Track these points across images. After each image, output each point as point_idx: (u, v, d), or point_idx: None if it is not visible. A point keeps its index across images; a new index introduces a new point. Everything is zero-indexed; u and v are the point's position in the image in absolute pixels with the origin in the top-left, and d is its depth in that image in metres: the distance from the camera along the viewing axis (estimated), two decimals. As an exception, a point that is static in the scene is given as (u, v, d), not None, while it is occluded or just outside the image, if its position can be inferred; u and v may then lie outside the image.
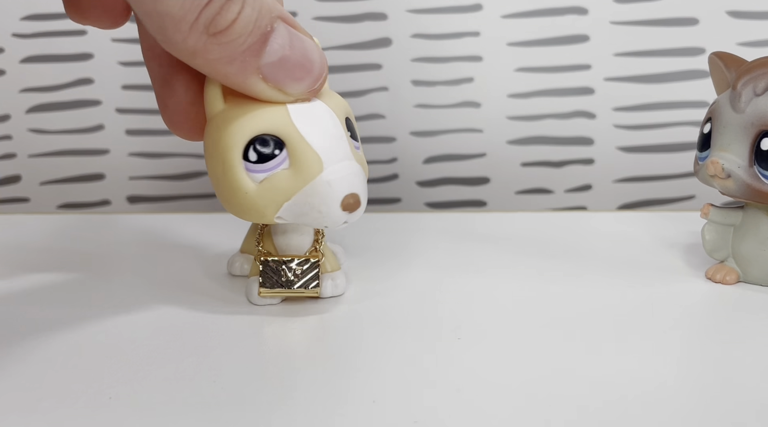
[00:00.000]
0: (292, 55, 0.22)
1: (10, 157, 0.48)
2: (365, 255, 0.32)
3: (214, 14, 0.21)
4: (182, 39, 0.21)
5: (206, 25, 0.21)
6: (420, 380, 0.21)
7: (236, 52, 0.22)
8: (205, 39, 0.21)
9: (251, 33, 0.21)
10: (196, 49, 0.21)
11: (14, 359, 0.23)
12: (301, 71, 0.23)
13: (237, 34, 0.21)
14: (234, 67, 0.22)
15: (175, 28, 0.21)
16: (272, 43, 0.22)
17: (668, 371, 0.21)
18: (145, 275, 0.30)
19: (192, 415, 0.19)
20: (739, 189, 0.26)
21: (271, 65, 0.22)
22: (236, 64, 0.22)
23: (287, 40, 0.22)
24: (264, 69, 0.22)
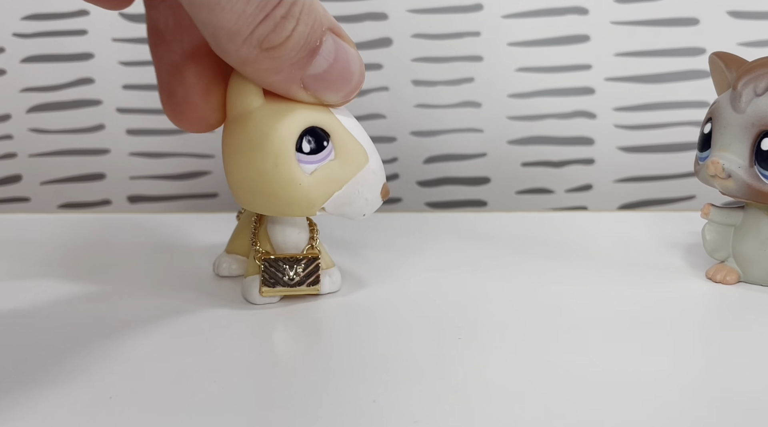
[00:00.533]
0: (334, 69, 0.23)
1: (10, 157, 0.48)
2: (366, 255, 0.32)
3: (268, 31, 0.21)
4: (235, 50, 0.21)
5: (260, 41, 0.21)
6: (420, 380, 0.21)
7: (285, 65, 0.22)
8: (258, 53, 0.21)
9: (302, 48, 0.22)
10: (247, 60, 0.22)
11: (14, 359, 0.23)
12: (340, 84, 0.23)
13: (289, 50, 0.22)
14: (280, 77, 0.22)
15: (228, 40, 0.21)
16: (319, 57, 0.23)
17: (668, 370, 0.21)
18: (145, 274, 0.31)
19: (192, 415, 0.19)
20: (739, 189, 0.26)
21: (314, 77, 0.23)
22: (282, 74, 0.22)
23: (333, 53, 0.23)
24: (306, 80, 0.23)
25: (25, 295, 0.28)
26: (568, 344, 0.23)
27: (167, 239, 0.35)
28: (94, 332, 0.25)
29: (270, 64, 0.22)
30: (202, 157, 0.47)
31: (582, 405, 0.20)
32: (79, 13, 0.46)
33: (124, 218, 0.40)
